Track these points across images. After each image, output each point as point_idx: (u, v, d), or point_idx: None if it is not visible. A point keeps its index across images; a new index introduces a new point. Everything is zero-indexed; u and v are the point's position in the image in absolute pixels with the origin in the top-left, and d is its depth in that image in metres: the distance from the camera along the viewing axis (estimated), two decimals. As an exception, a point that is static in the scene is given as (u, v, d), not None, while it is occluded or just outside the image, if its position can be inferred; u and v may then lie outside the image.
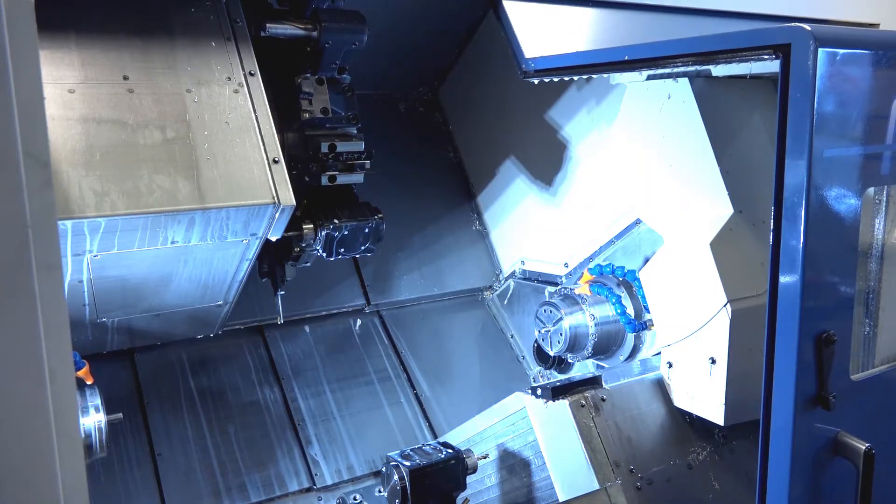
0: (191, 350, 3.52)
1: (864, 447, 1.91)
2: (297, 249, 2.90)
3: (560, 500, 2.31)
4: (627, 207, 3.11)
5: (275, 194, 2.28)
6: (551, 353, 3.29)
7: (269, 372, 3.63)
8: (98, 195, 2.06)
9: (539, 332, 3.28)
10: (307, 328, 3.85)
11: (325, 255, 2.86)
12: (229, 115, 2.32)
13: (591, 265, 3.30)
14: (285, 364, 3.67)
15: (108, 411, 2.24)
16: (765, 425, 1.97)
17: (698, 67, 2.22)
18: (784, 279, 1.90)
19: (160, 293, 2.65)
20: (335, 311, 3.91)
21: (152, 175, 2.15)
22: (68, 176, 2.08)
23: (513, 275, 4.12)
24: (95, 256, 2.24)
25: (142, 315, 2.83)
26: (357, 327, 3.95)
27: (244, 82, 2.39)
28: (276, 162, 2.33)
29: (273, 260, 3.09)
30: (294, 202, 2.31)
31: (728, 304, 2.22)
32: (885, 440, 2.03)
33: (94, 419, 2.24)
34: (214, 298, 2.85)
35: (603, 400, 2.40)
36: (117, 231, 2.13)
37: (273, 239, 2.51)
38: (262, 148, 2.32)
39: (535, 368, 3.94)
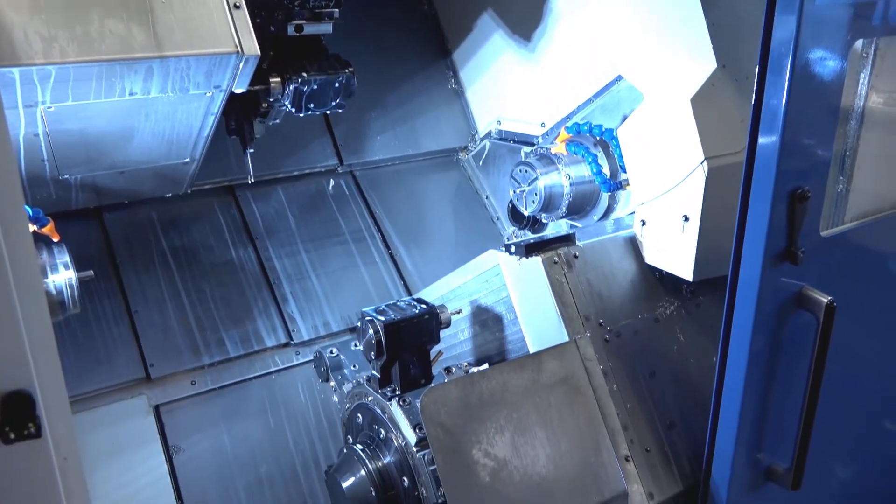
0: (161, 210, 3.46)
1: (826, 300, 1.98)
2: (264, 105, 2.79)
3: (531, 352, 2.38)
4: (608, 64, 3.00)
5: (237, 42, 2.14)
6: (526, 214, 3.29)
7: (242, 232, 3.60)
8: (46, 41, 1.92)
9: (514, 192, 3.26)
10: (279, 188, 3.79)
11: (294, 110, 2.76)
12: (184, -47, 2.13)
13: (569, 124, 3.23)
14: (258, 224, 3.64)
15: (79, 269, 2.21)
16: (732, 279, 2.01)
17: None
18: (763, 135, 1.87)
19: (123, 149, 2.55)
20: (307, 171, 3.84)
21: (103, 19, 2.00)
22: (12, 20, 1.92)
23: (489, 135, 4.04)
24: (49, 108, 2.12)
25: (106, 172, 2.74)
26: (330, 187, 3.89)
27: (199, -84, 2.18)
28: (237, 7, 2.18)
29: (240, 116, 2.98)
30: (258, 52, 2.18)
31: (705, 162, 2.20)
32: (847, 294, 2.10)
33: (64, 276, 2.21)
34: (181, 155, 2.76)
35: (575, 257, 2.42)
36: (70, 80, 2.01)
37: (238, 92, 2.40)
38: (221, -9, 2.15)
39: (509, 229, 3.96)
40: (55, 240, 2.27)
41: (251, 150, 3.11)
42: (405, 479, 2.28)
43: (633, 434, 2.29)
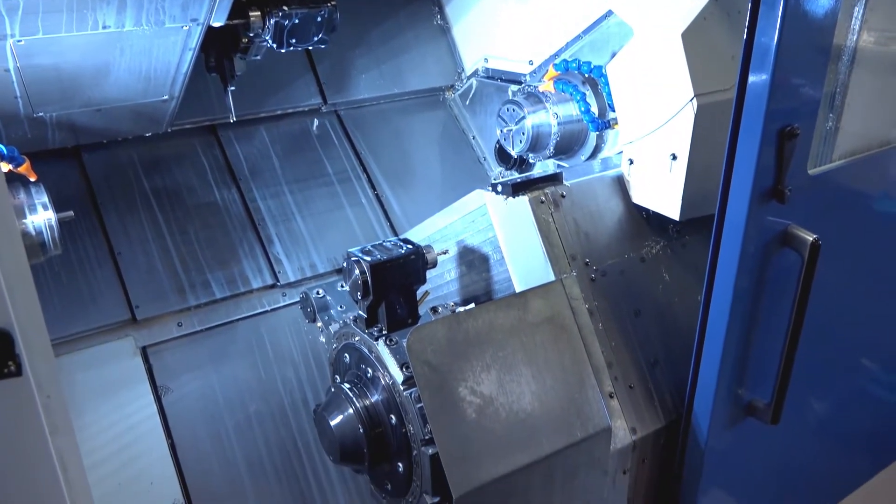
0: (141, 149, 3.39)
1: (811, 238, 1.98)
2: (244, 40, 2.72)
3: (517, 292, 2.39)
4: (598, -2, 2.93)
5: (214, -28, 2.07)
6: (513, 153, 3.25)
7: (225, 172, 3.54)
8: (12, -30, 1.84)
9: (501, 131, 3.22)
10: (262, 128, 3.72)
11: (275, 45, 2.68)
12: None
13: (557, 61, 3.17)
14: (242, 164, 3.58)
15: (59, 210, 2.17)
16: (719, 218, 2.01)
17: None
18: (754, 72, 1.84)
19: (99, 85, 2.48)
20: (291, 111, 3.76)
21: (72, -53, 1.91)
22: (-25, -52, 1.84)
23: (475, 73, 3.97)
24: (19, 42, 2.05)
25: (82, 110, 2.67)
26: (314, 127, 3.82)
27: None
28: (213, -66, 2.09)
29: (220, 52, 2.90)
30: (236, -18, 2.11)
31: (695, 99, 2.16)
32: (832, 233, 2.10)
33: (43, 217, 2.17)
34: (159, 92, 2.69)
35: (562, 196, 2.40)
36: (39, 12, 1.93)
37: (217, 26, 2.32)
38: (194, -84, 2.06)
39: (496, 169, 3.92)
40: (32, 179, 2.22)
41: (232, 88, 3.04)
42: (392, 416, 2.31)
43: (617, 371, 2.32)
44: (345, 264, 2.42)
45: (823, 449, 2.84)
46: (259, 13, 2.58)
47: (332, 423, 2.41)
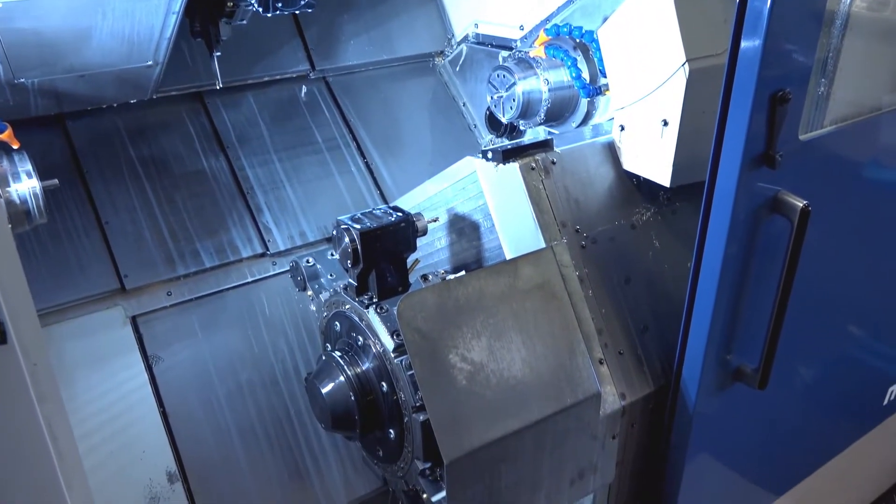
0: (127, 117, 3.34)
1: (801, 204, 1.98)
2: (230, 4, 2.67)
3: (507, 259, 2.39)
4: (590, -40, 2.89)
5: (197, -67, 2.01)
6: (503, 120, 3.23)
7: (212, 140, 3.50)
8: (-14, -71, 1.78)
9: (491, 98, 3.19)
10: (250, 95, 3.67)
11: (261, 9, 2.63)
12: None
13: (548, 26, 3.13)
14: (229, 132, 3.54)
15: (44, 178, 2.13)
16: (709, 184, 2.00)
17: None
18: (747, 36, 1.82)
19: (81, 50, 2.43)
20: (278, 77, 3.70)
21: None
22: None
23: (465, 39, 3.91)
24: (-2, 5, 2.00)
25: (65, 76, 2.61)
26: (303, 94, 3.77)
27: None
28: None
29: (205, 16, 2.84)
30: (220, -57, 2.05)
31: (686, 63, 2.14)
32: (822, 199, 2.10)
33: (27, 185, 2.14)
34: (143, 58, 2.64)
35: (553, 163, 2.39)
36: (17, -27, 1.88)
37: (201, -11, 2.28)
38: None
39: (486, 137, 3.90)
40: (15, 147, 2.18)
41: (218, 54, 2.99)
42: (383, 384, 2.32)
43: (607, 338, 2.33)
44: (334, 232, 2.41)
45: (809, 413, 2.88)
46: (244, -24, 2.53)
47: (324, 390, 2.42)
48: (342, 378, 2.41)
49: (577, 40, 2.98)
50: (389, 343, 2.28)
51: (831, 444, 3.09)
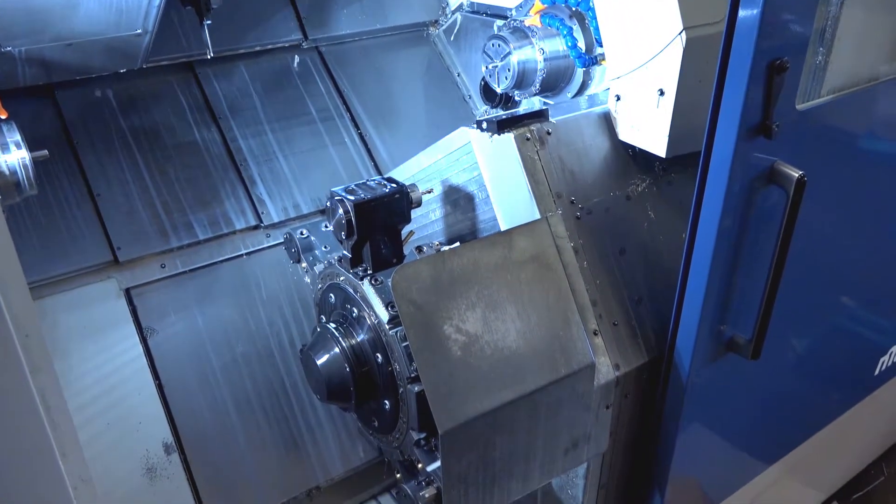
0: (117, 87, 3.30)
1: (797, 174, 1.97)
2: (220, -30, 2.61)
3: (502, 230, 2.37)
4: (586, -74, 2.83)
5: None
6: (498, 90, 3.19)
7: (204, 111, 3.46)
8: None
9: (486, 67, 3.15)
10: (241, 65, 3.62)
11: (251, -24, 2.58)
12: None
13: (544, -6, 3.08)
14: (221, 103, 3.50)
15: (34, 149, 2.11)
16: (705, 154, 1.99)
17: None
18: (745, 3, 1.79)
19: (68, 18, 2.39)
20: (270, 47, 3.65)
21: None
22: None
23: (460, 7, 3.86)
24: (-18, -29, 1.96)
25: (53, 45, 2.58)
26: (295, 64, 3.73)
27: None
28: None
29: (195, -16, 2.79)
30: None
31: (683, 32, 2.11)
32: (818, 169, 2.09)
33: (16, 156, 2.11)
34: (131, 26, 2.60)
35: (548, 133, 2.37)
36: (1, -62, 1.84)
37: (190, -45, 2.23)
38: None
39: (481, 108, 3.86)
40: (3, 117, 2.15)
41: (208, 22, 2.94)
42: (378, 355, 2.32)
43: (601, 309, 2.34)
44: (328, 204, 2.39)
45: (801, 384, 2.90)
46: (234, -58, 2.48)
47: (319, 362, 2.42)
48: (337, 350, 2.41)
49: (573, 9, 2.93)
50: (384, 314, 2.28)
51: (822, 414, 3.12)
